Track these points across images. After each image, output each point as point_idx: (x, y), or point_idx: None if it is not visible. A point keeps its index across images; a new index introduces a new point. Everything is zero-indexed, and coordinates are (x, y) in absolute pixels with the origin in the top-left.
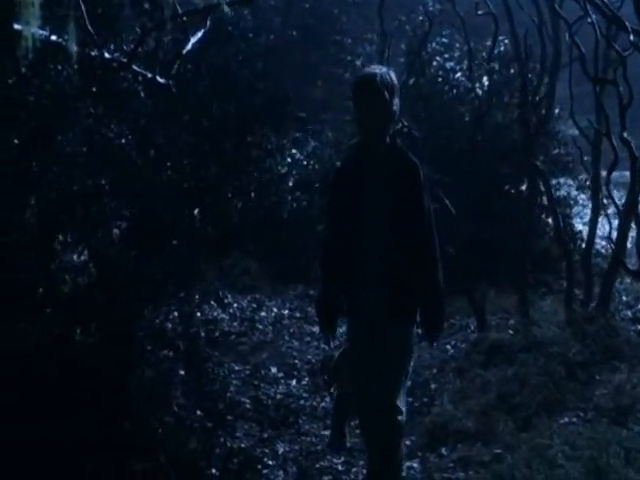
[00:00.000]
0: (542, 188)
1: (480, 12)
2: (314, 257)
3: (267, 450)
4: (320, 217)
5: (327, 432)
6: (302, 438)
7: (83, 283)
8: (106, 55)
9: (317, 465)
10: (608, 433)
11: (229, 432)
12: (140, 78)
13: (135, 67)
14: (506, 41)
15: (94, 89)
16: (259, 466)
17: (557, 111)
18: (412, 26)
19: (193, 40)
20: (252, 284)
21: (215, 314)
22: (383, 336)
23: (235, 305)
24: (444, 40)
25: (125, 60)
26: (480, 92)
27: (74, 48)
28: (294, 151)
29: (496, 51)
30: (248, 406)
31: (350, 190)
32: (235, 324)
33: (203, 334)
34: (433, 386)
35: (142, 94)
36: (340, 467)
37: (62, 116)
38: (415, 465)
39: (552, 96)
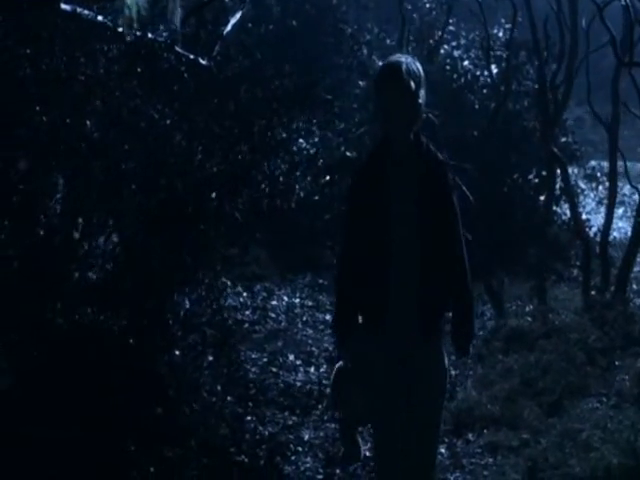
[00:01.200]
0: (559, 175)
1: None
2: (323, 245)
3: (292, 437)
4: (329, 205)
5: None
6: (326, 425)
7: (111, 269)
8: (149, 35)
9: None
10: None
11: (259, 418)
12: (183, 59)
13: (178, 48)
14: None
15: (139, 70)
16: (288, 453)
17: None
18: (420, 14)
19: (233, 21)
20: (261, 273)
21: (226, 303)
22: (417, 361)
23: (245, 294)
24: (451, 28)
25: (169, 41)
26: (489, 80)
27: (120, 28)
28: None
29: (503, 39)
30: (269, 393)
31: (373, 196)
32: (248, 312)
33: (230, 321)
34: (454, 372)
35: (185, 75)
36: (368, 453)
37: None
38: (442, 451)
39: (570, 82)
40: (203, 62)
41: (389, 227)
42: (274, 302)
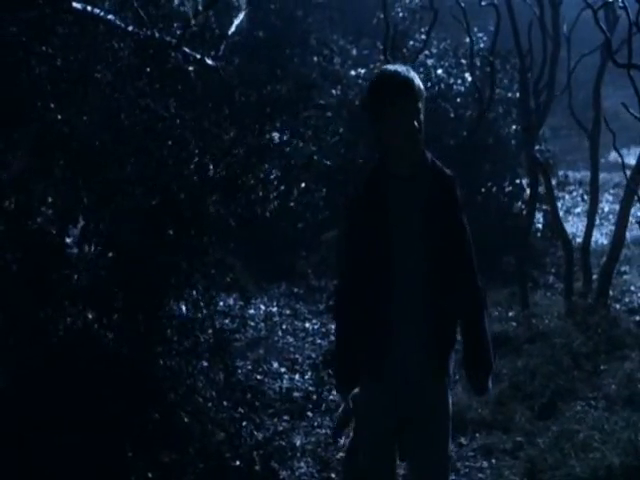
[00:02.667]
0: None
1: (483, 3)
2: (298, 255)
3: (284, 443)
4: (303, 214)
5: None
6: (316, 430)
7: (106, 273)
8: (156, 35)
9: (337, 456)
10: (635, 417)
11: (255, 423)
12: (191, 59)
13: (185, 48)
14: (484, 37)
15: (148, 69)
16: (284, 457)
17: None
18: (393, 23)
19: (236, 22)
20: (236, 282)
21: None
22: (421, 400)
23: (221, 303)
24: (423, 37)
25: (175, 41)
26: (463, 89)
27: (129, 27)
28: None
29: (476, 47)
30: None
31: (373, 221)
32: (226, 321)
33: (225, 326)
34: None
35: (192, 75)
36: None
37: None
38: None
39: (552, 87)
40: (210, 62)
41: (391, 256)
42: (252, 311)
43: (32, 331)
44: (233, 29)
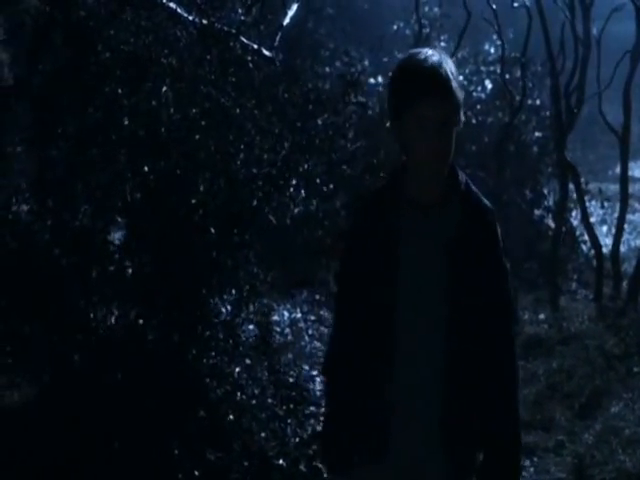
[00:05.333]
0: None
1: (515, 4)
2: (318, 262)
3: None
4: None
5: None
6: None
7: (151, 270)
8: (216, 24)
9: None
10: None
11: (300, 421)
12: (249, 48)
13: (243, 38)
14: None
15: (208, 57)
16: None
17: None
18: (412, 31)
19: (290, 13)
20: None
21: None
22: None
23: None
24: (442, 44)
25: (234, 30)
26: (483, 95)
27: (190, 16)
28: None
29: (496, 55)
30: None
31: (376, 265)
32: (251, 327)
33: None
34: None
35: (250, 65)
36: None
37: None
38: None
39: (582, 90)
40: (267, 53)
41: (396, 307)
42: (275, 317)
43: (78, 327)
44: (287, 20)
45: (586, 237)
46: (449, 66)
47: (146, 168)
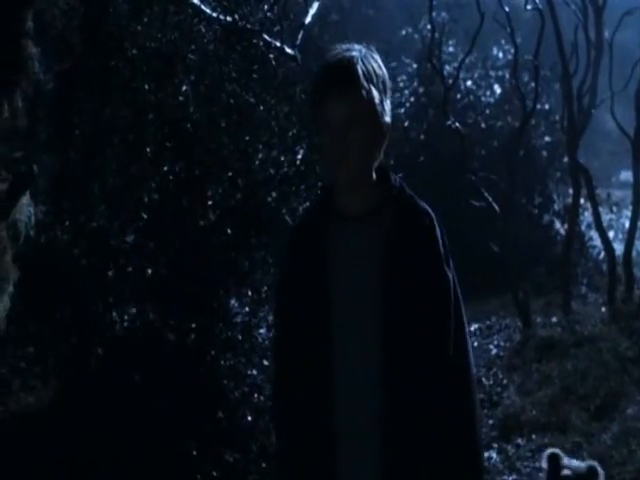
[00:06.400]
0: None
1: (529, 7)
2: None
3: None
4: None
5: None
6: None
7: (168, 272)
8: (239, 22)
9: None
10: None
11: None
12: (272, 45)
13: (265, 36)
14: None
15: (233, 54)
16: None
17: None
18: (420, 36)
19: (312, 12)
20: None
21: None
22: None
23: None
24: (450, 49)
25: (257, 28)
26: (492, 100)
27: (213, 13)
28: None
29: (504, 60)
30: None
31: (305, 284)
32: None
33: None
34: (486, 383)
35: (273, 62)
36: None
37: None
38: (494, 455)
39: (595, 92)
40: (289, 51)
41: (330, 329)
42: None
43: (95, 327)
44: (309, 19)
45: (594, 241)
46: (368, 63)
47: (165, 168)
